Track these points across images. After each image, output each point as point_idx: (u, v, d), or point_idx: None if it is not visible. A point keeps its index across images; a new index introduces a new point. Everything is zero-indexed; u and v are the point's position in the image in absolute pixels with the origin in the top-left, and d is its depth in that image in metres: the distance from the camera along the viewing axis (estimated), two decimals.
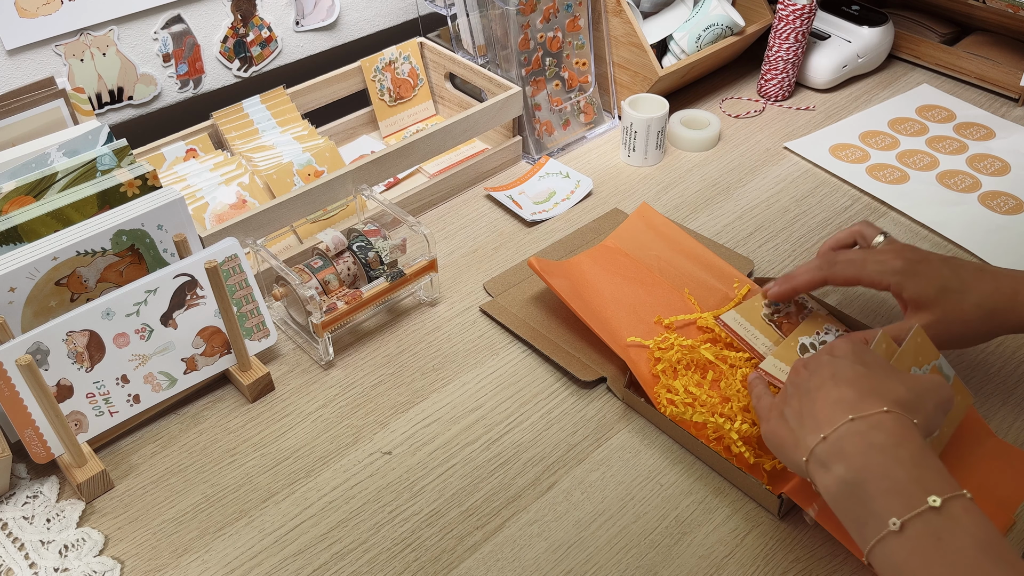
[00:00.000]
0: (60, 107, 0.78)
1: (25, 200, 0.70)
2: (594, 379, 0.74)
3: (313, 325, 0.74)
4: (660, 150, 1.02)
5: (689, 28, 1.07)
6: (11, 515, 0.65)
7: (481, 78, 1.02)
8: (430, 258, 0.80)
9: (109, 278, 0.71)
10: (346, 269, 0.79)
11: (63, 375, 0.66)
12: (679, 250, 0.85)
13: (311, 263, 0.78)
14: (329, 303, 0.75)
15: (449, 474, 0.68)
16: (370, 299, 0.77)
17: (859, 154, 1.03)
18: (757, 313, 0.74)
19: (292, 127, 0.98)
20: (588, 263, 0.83)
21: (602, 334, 0.73)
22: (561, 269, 0.80)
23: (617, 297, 0.79)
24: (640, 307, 0.78)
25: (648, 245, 0.86)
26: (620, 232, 0.87)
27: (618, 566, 0.61)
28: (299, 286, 0.73)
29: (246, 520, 0.65)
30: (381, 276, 0.79)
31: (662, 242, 0.86)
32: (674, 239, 0.86)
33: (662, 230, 0.87)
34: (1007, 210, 0.93)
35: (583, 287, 0.79)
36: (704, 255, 0.84)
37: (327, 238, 0.78)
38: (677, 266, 0.83)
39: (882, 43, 1.17)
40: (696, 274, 0.82)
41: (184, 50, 1.02)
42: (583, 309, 0.75)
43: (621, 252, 0.85)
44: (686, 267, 0.83)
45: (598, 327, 0.74)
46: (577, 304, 0.75)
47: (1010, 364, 0.75)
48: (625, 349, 0.73)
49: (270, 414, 0.74)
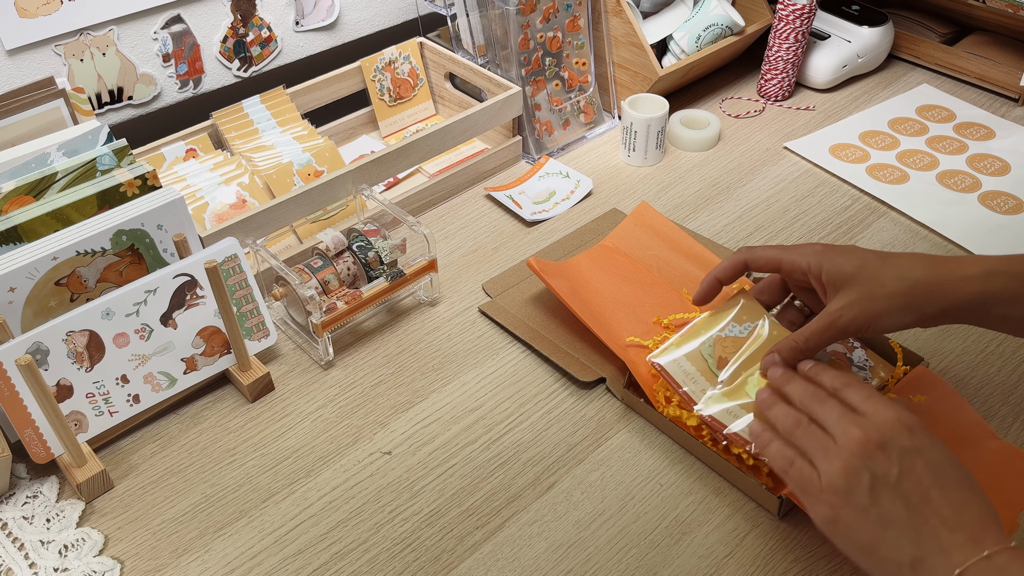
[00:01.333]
0: (60, 107, 0.78)
1: (25, 200, 0.70)
2: (593, 379, 0.74)
3: (313, 325, 0.74)
4: (660, 150, 1.02)
5: (689, 28, 1.07)
6: (11, 515, 0.65)
7: (481, 78, 1.02)
8: (430, 258, 0.80)
9: (109, 278, 0.71)
10: (346, 269, 0.79)
11: (63, 375, 0.66)
12: (677, 249, 0.85)
13: (311, 263, 0.78)
14: (329, 303, 0.75)
15: (449, 474, 0.68)
16: (370, 299, 0.77)
17: (859, 154, 1.03)
18: (712, 327, 0.69)
19: (292, 127, 0.98)
20: (587, 263, 0.83)
21: (601, 334, 0.73)
22: (560, 269, 0.80)
23: (616, 297, 0.79)
24: (639, 307, 0.78)
25: (646, 245, 0.86)
26: (618, 232, 0.88)
27: (618, 566, 0.61)
28: (299, 286, 0.73)
29: (246, 520, 0.65)
30: (381, 276, 0.79)
31: (660, 242, 0.86)
32: (672, 239, 0.86)
33: (660, 230, 0.87)
34: (1007, 210, 0.93)
35: (582, 287, 0.79)
36: (702, 254, 0.84)
37: (327, 238, 0.78)
38: (675, 266, 0.83)
39: (882, 43, 1.17)
40: (694, 273, 0.82)
41: (184, 50, 1.02)
42: (582, 309, 0.75)
43: (620, 252, 0.85)
44: (684, 267, 0.83)
45: (597, 327, 0.74)
46: (576, 304, 0.75)
47: (1010, 364, 0.75)
48: (624, 349, 0.73)
49: (270, 414, 0.74)
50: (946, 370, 0.74)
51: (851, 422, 0.53)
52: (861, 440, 0.52)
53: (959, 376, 0.74)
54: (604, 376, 0.74)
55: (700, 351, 0.68)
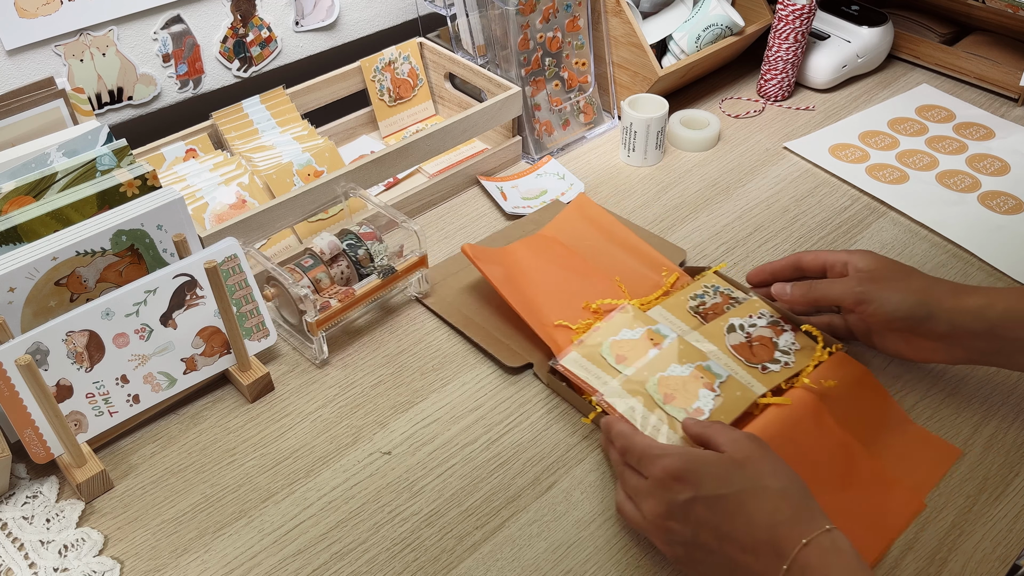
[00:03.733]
0: (60, 107, 0.78)
1: (25, 200, 0.70)
2: (521, 365, 0.75)
3: (307, 324, 0.74)
4: (660, 150, 1.02)
5: (689, 28, 1.07)
6: (11, 515, 0.65)
7: (481, 78, 1.02)
8: (421, 254, 0.80)
9: (109, 278, 0.71)
10: (339, 273, 0.79)
11: (63, 375, 0.66)
12: (613, 239, 0.88)
13: (301, 262, 0.78)
14: (322, 301, 0.75)
15: (449, 474, 0.68)
16: (363, 296, 0.77)
17: (859, 154, 1.03)
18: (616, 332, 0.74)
19: (292, 127, 0.98)
20: (523, 251, 0.85)
21: (528, 318, 0.75)
22: (495, 256, 0.82)
23: (548, 283, 0.81)
24: (570, 294, 0.80)
25: (583, 235, 0.88)
26: (557, 222, 0.90)
27: (618, 566, 0.61)
28: (291, 285, 0.73)
29: (246, 520, 0.65)
30: (373, 274, 0.79)
31: (597, 232, 0.89)
32: (608, 229, 0.89)
33: (598, 220, 0.90)
34: (1007, 210, 0.93)
35: (517, 274, 0.81)
36: (637, 244, 0.87)
37: (323, 243, 0.78)
38: (610, 255, 0.86)
39: (882, 43, 1.17)
40: (628, 262, 0.85)
41: (184, 50, 1.02)
42: (512, 294, 0.77)
43: (557, 241, 0.87)
44: (619, 256, 0.86)
45: (525, 312, 0.76)
46: (507, 290, 0.78)
47: None
48: (551, 332, 0.75)
49: (270, 414, 0.74)
50: (944, 371, 0.74)
51: (643, 498, 0.58)
52: (652, 518, 0.57)
53: (958, 376, 0.74)
54: (532, 362, 0.76)
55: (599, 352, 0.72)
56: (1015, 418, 0.70)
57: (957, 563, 0.60)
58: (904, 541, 0.61)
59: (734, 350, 0.71)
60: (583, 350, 0.73)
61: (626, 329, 0.73)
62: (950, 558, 0.60)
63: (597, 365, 0.71)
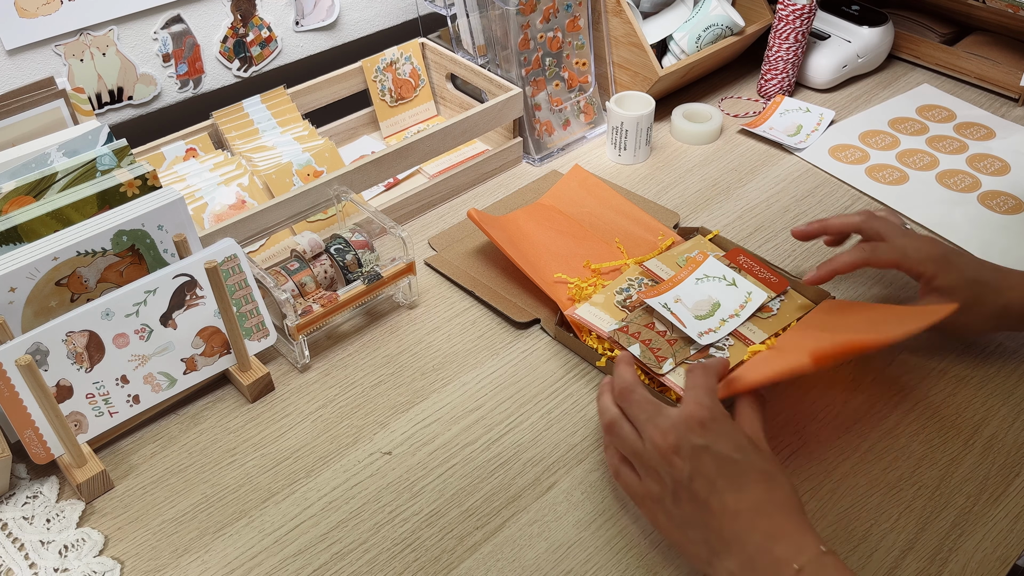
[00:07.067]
0: (60, 107, 0.78)
1: (25, 200, 0.70)
2: (528, 320, 0.80)
3: (288, 328, 0.74)
4: (648, 146, 1.03)
5: (689, 28, 1.07)
6: (11, 515, 0.65)
7: (481, 79, 1.02)
8: (407, 261, 0.80)
9: (109, 278, 0.71)
10: (323, 272, 0.78)
11: (63, 375, 0.66)
12: (609, 206, 0.92)
13: (287, 265, 0.78)
14: (305, 306, 0.75)
15: (449, 474, 0.68)
16: (346, 302, 0.77)
17: (859, 155, 1.03)
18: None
19: (292, 127, 0.98)
20: (524, 218, 0.89)
21: (532, 274, 0.80)
22: (498, 222, 0.87)
23: (550, 247, 0.85)
24: (571, 256, 0.85)
25: (580, 202, 0.93)
26: (555, 191, 0.95)
27: (618, 566, 0.61)
28: (274, 288, 0.73)
29: (246, 520, 0.65)
30: (359, 279, 0.79)
31: (593, 200, 0.93)
32: (604, 197, 0.94)
33: (594, 189, 0.95)
34: (1007, 210, 0.93)
35: (520, 239, 0.85)
36: (632, 210, 0.91)
37: (304, 241, 0.78)
38: (608, 220, 0.90)
39: (882, 43, 1.17)
40: (626, 227, 0.89)
41: (184, 50, 1.02)
42: (516, 254, 0.81)
43: (555, 209, 0.92)
44: (616, 221, 0.90)
45: (529, 268, 0.80)
46: (511, 250, 0.81)
47: (1010, 364, 0.75)
48: (552, 286, 0.80)
49: (270, 414, 0.74)
50: (946, 368, 0.74)
51: (653, 426, 0.57)
52: (660, 445, 0.56)
53: (959, 375, 0.74)
54: (539, 317, 0.80)
55: (612, 303, 0.77)
56: (1015, 419, 0.70)
57: (957, 563, 0.60)
58: (904, 541, 0.62)
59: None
60: (593, 302, 0.77)
61: (630, 279, 0.79)
62: (950, 558, 0.60)
63: (608, 313, 0.76)
